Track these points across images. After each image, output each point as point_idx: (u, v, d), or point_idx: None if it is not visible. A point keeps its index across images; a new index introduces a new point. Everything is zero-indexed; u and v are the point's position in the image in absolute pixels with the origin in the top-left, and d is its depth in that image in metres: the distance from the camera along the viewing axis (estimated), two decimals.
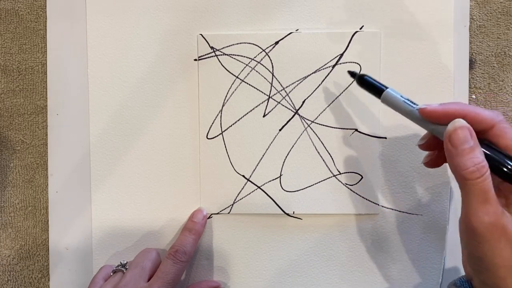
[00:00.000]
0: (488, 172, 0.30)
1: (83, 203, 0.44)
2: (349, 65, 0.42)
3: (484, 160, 0.31)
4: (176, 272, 0.39)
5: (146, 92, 0.43)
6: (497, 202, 0.30)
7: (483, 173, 0.30)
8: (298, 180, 0.43)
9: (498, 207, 0.30)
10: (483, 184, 0.30)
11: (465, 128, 0.31)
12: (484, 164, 0.30)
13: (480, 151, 0.31)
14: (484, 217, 0.30)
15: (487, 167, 0.30)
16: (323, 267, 0.43)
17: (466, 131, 0.31)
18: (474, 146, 0.31)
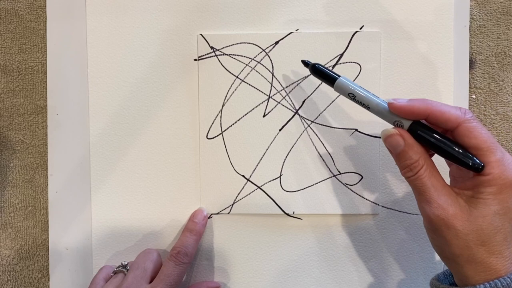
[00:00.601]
0: (424, 168, 0.32)
1: (83, 203, 0.44)
2: (349, 65, 0.42)
3: (419, 159, 0.33)
4: (178, 274, 0.39)
5: (146, 92, 0.43)
6: (443, 194, 0.32)
7: (417, 171, 0.33)
8: (298, 180, 0.43)
9: (444, 199, 0.32)
10: (421, 181, 0.33)
11: (394, 135, 0.33)
12: (417, 164, 0.33)
13: (414, 150, 0.33)
14: (429, 211, 0.32)
15: (422, 164, 0.33)
16: (323, 267, 0.43)
17: (396, 137, 0.33)
18: (406, 149, 0.33)
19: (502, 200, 0.31)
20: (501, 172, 0.31)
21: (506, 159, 0.32)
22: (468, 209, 0.32)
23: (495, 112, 0.43)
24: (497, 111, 0.43)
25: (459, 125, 0.32)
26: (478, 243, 0.31)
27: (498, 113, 0.43)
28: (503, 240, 0.31)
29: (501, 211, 0.31)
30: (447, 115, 0.32)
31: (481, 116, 0.43)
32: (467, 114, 0.33)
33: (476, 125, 0.32)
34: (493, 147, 0.32)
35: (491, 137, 0.32)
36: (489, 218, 0.31)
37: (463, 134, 0.32)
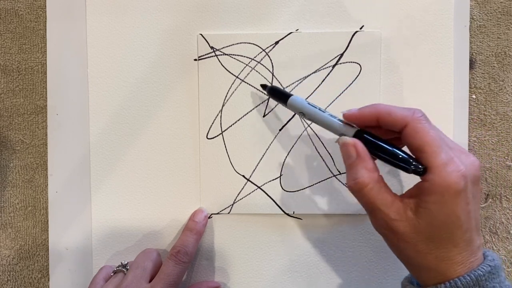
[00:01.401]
0: (370, 186, 0.32)
1: (83, 203, 0.44)
2: (349, 65, 0.42)
3: (365, 177, 0.32)
4: (178, 273, 0.39)
5: (146, 92, 0.43)
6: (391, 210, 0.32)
7: (362, 187, 0.32)
8: (298, 180, 0.43)
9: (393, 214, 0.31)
10: (368, 199, 0.32)
11: (348, 145, 0.33)
12: (361, 181, 0.32)
13: (363, 165, 0.32)
14: (377, 227, 0.33)
15: (367, 183, 0.32)
16: (323, 267, 0.43)
17: (351, 148, 0.33)
18: (357, 162, 0.32)
19: (447, 207, 0.30)
20: (443, 178, 0.30)
21: (452, 164, 0.30)
22: (415, 220, 0.31)
23: (495, 112, 0.43)
24: (497, 111, 0.43)
25: (406, 125, 0.31)
26: (427, 251, 0.31)
27: (498, 113, 0.43)
28: (453, 246, 0.31)
29: (447, 218, 0.30)
30: (394, 115, 0.32)
31: (481, 116, 0.43)
32: (415, 114, 0.32)
33: (423, 126, 0.31)
34: (437, 150, 0.30)
35: (438, 139, 0.31)
36: (435, 228, 0.31)
37: (409, 134, 0.31)
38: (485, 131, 0.43)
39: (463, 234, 0.31)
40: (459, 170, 0.30)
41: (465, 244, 0.31)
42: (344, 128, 0.34)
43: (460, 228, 0.30)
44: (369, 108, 0.33)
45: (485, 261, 0.32)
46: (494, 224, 0.43)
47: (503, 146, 0.43)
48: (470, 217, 0.31)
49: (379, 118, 0.33)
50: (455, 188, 0.30)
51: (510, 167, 0.43)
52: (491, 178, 0.43)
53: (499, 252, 0.43)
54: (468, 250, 0.31)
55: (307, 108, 0.36)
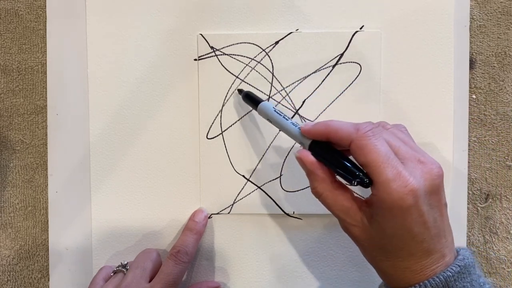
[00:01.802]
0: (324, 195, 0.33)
1: (83, 203, 0.44)
2: (349, 65, 0.42)
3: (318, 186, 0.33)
4: (178, 273, 0.39)
5: (146, 92, 0.43)
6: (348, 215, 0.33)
7: (318, 195, 0.34)
8: (298, 180, 0.43)
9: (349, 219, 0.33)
10: (326, 204, 0.34)
11: (298, 159, 0.34)
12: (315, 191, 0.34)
13: (313, 176, 0.34)
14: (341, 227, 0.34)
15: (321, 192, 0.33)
16: (323, 267, 0.43)
17: (300, 161, 0.34)
18: (308, 174, 0.34)
19: (396, 221, 0.30)
20: (387, 194, 0.30)
21: (399, 179, 0.30)
22: (370, 228, 0.32)
23: (495, 112, 0.43)
24: (497, 111, 0.43)
25: (351, 142, 0.32)
26: (383, 259, 0.32)
27: (498, 113, 0.43)
28: (408, 256, 0.31)
29: (397, 232, 0.30)
30: (340, 133, 0.32)
31: (481, 116, 0.43)
32: (360, 131, 0.32)
33: (367, 142, 0.31)
34: (381, 166, 0.30)
35: (384, 155, 0.30)
36: (386, 239, 0.31)
37: (354, 151, 0.32)
38: (485, 131, 0.43)
39: (419, 244, 0.31)
40: (406, 185, 0.30)
41: (423, 254, 0.31)
42: (302, 138, 0.35)
43: (414, 239, 0.31)
44: (321, 125, 0.34)
45: (455, 261, 0.31)
46: (494, 224, 0.43)
47: (503, 146, 0.43)
48: (427, 227, 0.30)
49: (328, 136, 0.33)
50: (401, 204, 0.30)
51: (510, 167, 0.43)
52: (491, 178, 0.43)
53: (499, 252, 0.43)
54: (429, 258, 0.31)
55: (272, 115, 0.37)
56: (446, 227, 0.32)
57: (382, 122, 0.36)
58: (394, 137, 0.33)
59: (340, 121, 0.33)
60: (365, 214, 0.32)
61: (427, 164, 0.32)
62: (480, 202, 0.43)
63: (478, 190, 0.43)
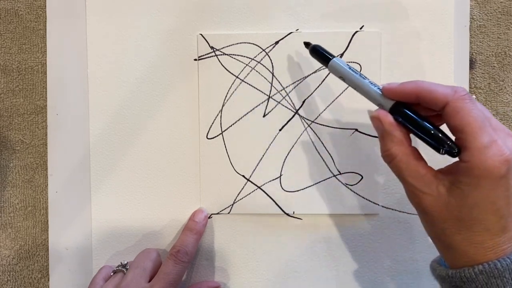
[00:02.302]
0: (398, 158, 0.31)
1: (83, 203, 0.44)
2: (349, 64, 0.42)
3: (392, 148, 0.32)
4: (178, 273, 0.39)
5: (146, 92, 0.43)
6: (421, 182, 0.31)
7: (391, 159, 0.32)
8: (298, 180, 0.43)
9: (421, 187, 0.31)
10: (397, 169, 0.32)
11: (374, 119, 0.33)
12: (390, 153, 0.32)
13: (390, 138, 0.32)
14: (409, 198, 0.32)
15: (396, 154, 0.32)
16: (323, 267, 0.43)
17: (376, 121, 0.33)
18: (384, 134, 0.32)
19: (482, 191, 0.29)
20: (481, 161, 0.28)
21: (495, 147, 0.28)
22: (447, 198, 0.30)
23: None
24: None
25: (447, 104, 0.30)
26: (454, 231, 0.30)
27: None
28: (484, 231, 0.29)
29: (480, 203, 0.29)
30: (435, 94, 0.31)
31: None
32: (457, 93, 0.30)
33: (465, 105, 0.29)
34: (478, 132, 0.29)
35: (481, 120, 0.29)
36: (466, 209, 0.29)
37: (449, 114, 0.30)
38: None
39: (498, 220, 0.29)
40: (502, 154, 0.28)
41: (499, 230, 0.29)
42: (382, 99, 0.33)
43: (495, 214, 0.29)
44: (410, 84, 0.32)
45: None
46: None
47: None
48: (509, 203, 0.29)
49: (419, 95, 0.31)
50: (494, 173, 0.28)
51: None
52: None
53: None
54: (503, 237, 0.29)
55: (347, 73, 0.35)
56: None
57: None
58: (484, 108, 0.32)
59: (430, 82, 0.32)
60: (441, 182, 0.31)
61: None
62: None
63: None
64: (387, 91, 0.33)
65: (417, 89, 0.31)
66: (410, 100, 0.32)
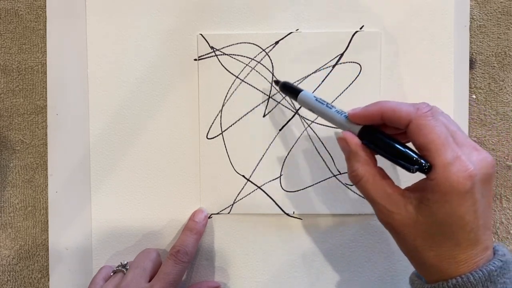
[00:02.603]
0: (365, 179, 0.32)
1: (83, 203, 0.44)
2: (349, 65, 0.42)
3: (358, 169, 0.32)
4: (178, 273, 0.39)
5: (146, 92, 0.43)
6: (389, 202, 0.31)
7: (357, 180, 0.32)
8: (298, 180, 0.43)
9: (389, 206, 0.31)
10: (364, 190, 0.32)
11: (341, 140, 0.33)
12: (356, 174, 0.32)
13: (356, 159, 0.32)
14: (378, 217, 0.32)
15: (362, 174, 0.32)
16: (323, 267, 0.43)
17: (343, 142, 0.33)
18: (350, 156, 0.33)
19: (449, 207, 0.29)
20: (445, 177, 0.29)
21: (458, 163, 0.29)
22: (415, 216, 0.30)
23: (495, 112, 0.43)
24: (497, 111, 0.43)
25: (410, 122, 0.30)
26: (426, 248, 0.31)
27: (498, 113, 0.43)
28: (454, 246, 0.30)
29: (449, 219, 0.29)
30: (398, 113, 0.31)
31: (481, 116, 0.43)
32: (419, 110, 0.30)
33: (428, 122, 0.30)
34: (441, 148, 0.29)
35: (444, 137, 0.30)
36: (435, 226, 0.30)
37: (413, 132, 0.30)
38: (485, 131, 0.43)
39: (467, 234, 0.30)
40: (466, 169, 0.29)
41: (470, 244, 0.30)
42: (349, 124, 0.34)
43: (463, 228, 0.30)
44: (373, 106, 0.33)
45: (496, 256, 0.31)
46: (494, 224, 0.43)
47: (503, 146, 0.43)
48: (476, 217, 0.30)
49: (383, 116, 0.32)
50: (459, 189, 0.29)
51: (510, 167, 0.43)
52: None
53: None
54: (474, 249, 0.30)
55: (315, 104, 0.36)
56: (490, 219, 0.31)
57: (435, 106, 0.34)
58: (450, 121, 0.32)
59: (392, 101, 0.32)
60: (409, 201, 0.31)
61: (482, 152, 0.31)
62: None
63: None
64: (352, 116, 0.33)
65: (381, 110, 0.32)
66: (376, 122, 0.33)
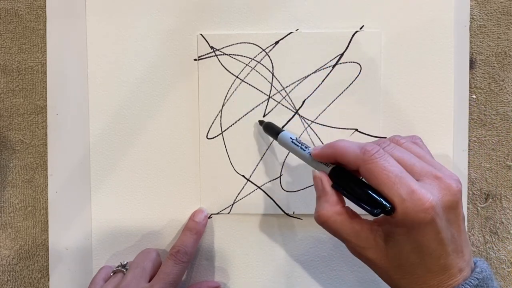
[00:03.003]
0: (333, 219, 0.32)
1: (83, 203, 0.44)
2: (349, 65, 0.42)
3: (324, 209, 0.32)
4: (178, 273, 0.39)
5: (146, 92, 0.43)
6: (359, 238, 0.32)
7: (324, 220, 0.33)
8: (298, 180, 0.43)
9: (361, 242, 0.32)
10: (333, 229, 0.33)
11: (315, 178, 0.34)
12: (321, 213, 0.33)
13: (325, 199, 0.33)
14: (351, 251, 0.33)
15: (329, 215, 0.32)
16: (323, 267, 0.43)
17: (315, 180, 0.34)
18: (321, 195, 0.33)
19: (413, 239, 0.30)
20: (405, 212, 0.29)
21: (414, 197, 0.29)
22: (385, 247, 0.32)
23: (495, 112, 0.43)
24: (497, 111, 0.43)
25: (359, 167, 0.31)
26: (399, 277, 0.32)
27: (498, 113, 0.43)
28: (425, 272, 0.31)
29: (415, 249, 0.30)
30: (347, 157, 0.32)
31: (481, 116, 0.43)
32: (365, 154, 0.31)
33: (376, 165, 0.30)
34: (394, 187, 0.29)
35: (395, 174, 0.30)
36: (404, 255, 0.31)
37: (364, 176, 0.31)
38: (485, 131, 0.43)
39: (436, 260, 0.30)
40: (423, 202, 0.29)
41: (441, 269, 0.31)
42: (323, 165, 0.34)
43: (431, 256, 0.30)
44: (327, 148, 0.33)
45: (473, 274, 0.31)
46: (494, 224, 0.43)
47: (503, 146, 0.43)
48: (443, 244, 0.30)
49: (336, 159, 0.33)
50: (419, 222, 0.29)
51: (510, 167, 0.43)
52: (491, 178, 0.43)
53: (499, 252, 0.43)
54: (446, 275, 0.31)
55: (291, 146, 0.37)
56: (463, 241, 0.31)
57: (396, 136, 0.35)
58: (407, 154, 0.32)
59: (347, 142, 0.32)
60: (378, 234, 0.32)
61: (445, 179, 0.31)
62: (480, 202, 0.43)
63: (478, 190, 0.43)
64: (313, 155, 0.34)
65: (333, 152, 0.33)
66: (332, 162, 0.33)
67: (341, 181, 0.33)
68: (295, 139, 0.37)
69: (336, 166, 0.33)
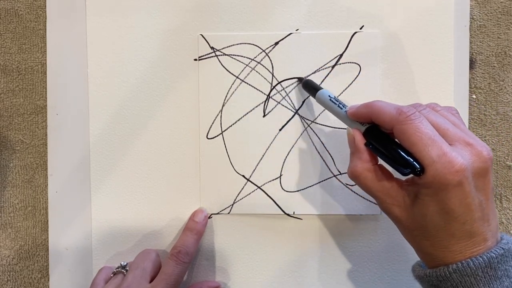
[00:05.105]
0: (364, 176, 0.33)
1: (83, 203, 0.44)
2: (348, 65, 0.42)
3: (358, 165, 0.34)
4: (179, 273, 0.39)
5: (146, 92, 0.43)
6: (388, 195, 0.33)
7: (356, 175, 0.34)
8: (298, 180, 0.43)
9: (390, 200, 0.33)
10: (364, 185, 0.34)
11: (348, 135, 0.35)
12: (355, 170, 0.34)
13: (358, 156, 0.34)
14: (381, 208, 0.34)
15: (360, 172, 0.33)
16: (323, 267, 0.43)
17: (349, 137, 0.35)
18: (354, 151, 0.35)
19: (440, 201, 0.30)
20: (434, 174, 0.30)
21: (445, 160, 0.30)
22: (411, 207, 0.32)
23: (495, 112, 0.43)
24: (497, 111, 0.43)
25: (393, 128, 0.32)
26: (422, 238, 0.32)
27: (498, 113, 0.43)
28: (449, 236, 0.31)
29: (441, 211, 0.30)
30: (382, 117, 0.32)
31: (481, 116, 0.43)
32: (401, 115, 0.31)
33: (410, 126, 0.31)
34: (425, 148, 0.30)
35: (427, 137, 0.30)
36: (428, 217, 0.31)
37: (397, 136, 0.32)
38: (485, 131, 0.43)
39: (461, 226, 0.30)
40: (453, 165, 0.29)
41: (465, 235, 0.31)
42: (355, 123, 0.35)
43: (456, 221, 0.30)
44: (364, 108, 0.34)
45: (499, 244, 0.31)
46: None
47: (503, 146, 0.43)
48: (470, 209, 0.30)
49: (372, 119, 0.33)
50: (447, 184, 0.30)
51: (510, 167, 0.43)
52: None
53: None
54: (469, 241, 0.31)
55: (328, 103, 0.38)
56: (491, 211, 0.32)
57: (432, 103, 0.35)
58: (442, 119, 0.33)
59: (383, 103, 0.33)
60: (407, 193, 0.33)
61: (476, 146, 0.31)
62: None
63: None
64: (350, 114, 0.35)
65: (369, 113, 0.34)
66: (367, 121, 0.34)
67: (374, 140, 0.34)
68: (334, 98, 0.37)
69: (370, 126, 0.34)
